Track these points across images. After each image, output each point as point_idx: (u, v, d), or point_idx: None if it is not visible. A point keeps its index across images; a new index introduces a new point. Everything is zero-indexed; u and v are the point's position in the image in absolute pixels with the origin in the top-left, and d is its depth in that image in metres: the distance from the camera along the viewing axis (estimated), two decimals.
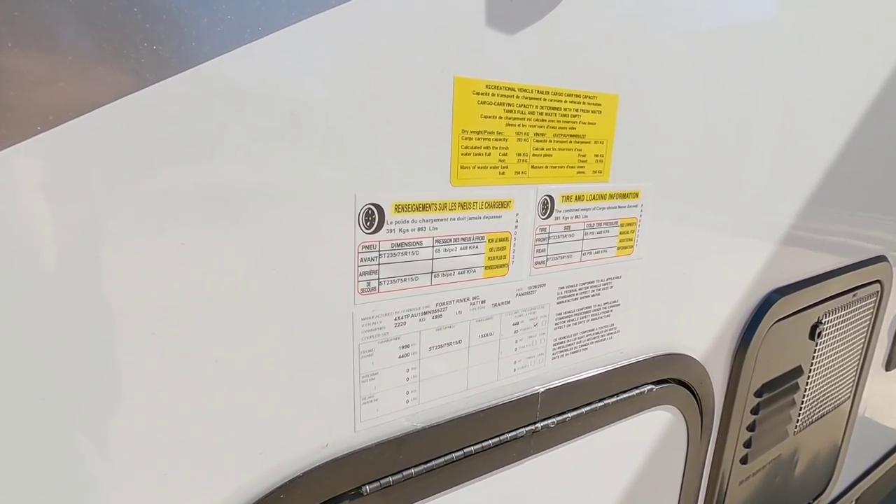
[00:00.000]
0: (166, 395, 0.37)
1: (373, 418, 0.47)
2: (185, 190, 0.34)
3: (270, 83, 0.36)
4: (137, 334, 0.35)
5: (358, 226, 0.42)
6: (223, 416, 0.39)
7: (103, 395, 0.34)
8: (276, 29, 0.35)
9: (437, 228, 0.46)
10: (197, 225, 0.35)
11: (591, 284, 0.59)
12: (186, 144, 0.34)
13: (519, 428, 0.56)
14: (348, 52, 0.38)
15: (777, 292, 0.84)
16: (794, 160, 0.80)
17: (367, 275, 0.43)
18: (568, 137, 0.52)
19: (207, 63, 0.33)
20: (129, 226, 0.33)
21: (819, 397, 1.06)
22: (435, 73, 0.42)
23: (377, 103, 0.40)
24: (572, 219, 0.55)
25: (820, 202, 0.87)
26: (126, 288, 0.34)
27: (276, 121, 0.36)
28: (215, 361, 0.38)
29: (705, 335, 0.76)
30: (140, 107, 0.32)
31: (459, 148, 0.45)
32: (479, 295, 0.50)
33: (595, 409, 0.63)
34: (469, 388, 0.52)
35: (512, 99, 0.47)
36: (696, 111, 0.63)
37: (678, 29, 0.57)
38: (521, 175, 0.50)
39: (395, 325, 0.46)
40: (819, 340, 0.98)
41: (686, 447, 0.77)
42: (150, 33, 0.31)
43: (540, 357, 0.57)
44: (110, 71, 0.31)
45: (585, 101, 0.52)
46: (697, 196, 0.67)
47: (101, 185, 0.32)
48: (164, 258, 0.34)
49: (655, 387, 0.69)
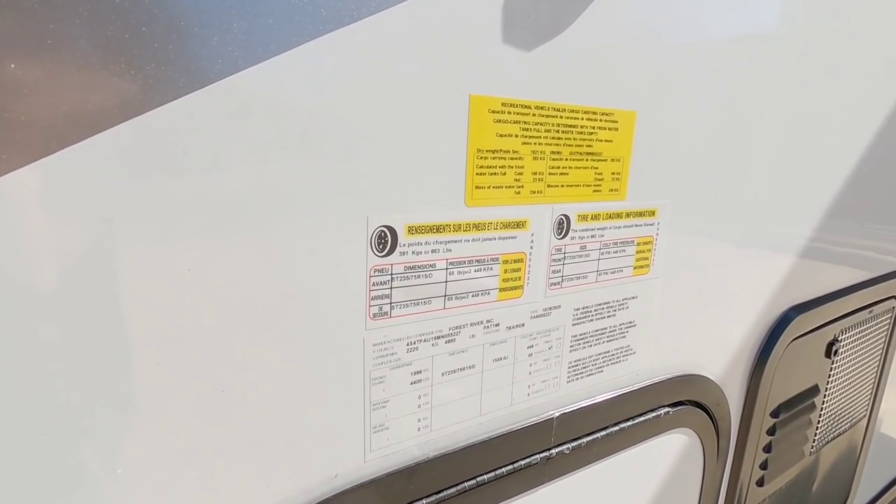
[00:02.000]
0: (169, 427, 0.35)
1: (383, 447, 0.45)
2: (191, 214, 0.33)
3: (281, 103, 0.34)
4: (141, 365, 0.33)
5: (370, 248, 0.40)
6: (228, 447, 0.38)
7: (104, 428, 0.33)
8: (288, 48, 0.34)
9: (450, 250, 0.44)
10: (203, 250, 0.34)
11: (607, 305, 0.57)
12: (193, 167, 0.32)
13: (533, 454, 0.54)
14: (361, 72, 0.37)
15: (794, 310, 0.82)
16: (811, 174, 0.78)
17: (378, 299, 0.42)
18: (584, 155, 0.50)
19: (217, 83, 0.32)
20: (133, 251, 0.31)
21: (835, 416, 1.04)
22: (450, 92, 0.41)
23: (390, 123, 0.39)
24: (588, 238, 0.53)
25: (836, 215, 0.85)
26: (128, 316, 0.32)
27: (286, 142, 0.35)
28: (221, 392, 0.36)
29: (722, 355, 0.74)
30: (146, 129, 0.30)
31: (474, 168, 0.44)
32: (493, 318, 0.49)
33: (610, 433, 0.61)
34: (482, 413, 0.51)
35: (528, 117, 0.46)
36: (714, 125, 0.61)
37: (695, 43, 0.56)
38: (536, 194, 0.48)
39: (407, 351, 0.44)
40: (835, 358, 0.96)
41: (702, 471, 0.74)
42: (158, 52, 0.30)
43: (555, 381, 0.55)
44: (117, 91, 0.29)
45: (602, 118, 0.50)
46: (714, 212, 0.66)
47: (104, 209, 0.30)
48: (168, 284, 0.33)
49: (672, 409, 0.67)
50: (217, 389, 0.36)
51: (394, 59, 0.38)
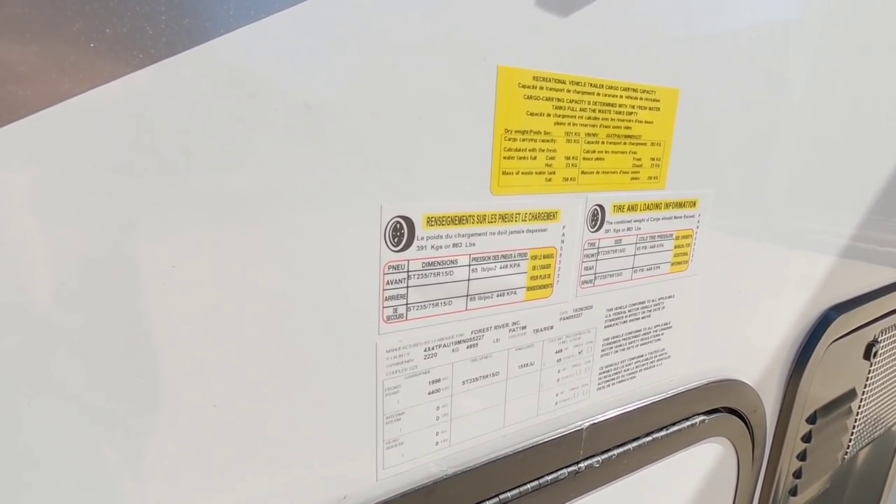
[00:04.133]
0: (154, 447, 0.30)
1: (397, 465, 0.40)
2: (174, 203, 0.28)
3: (279, 70, 0.29)
4: (118, 376, 0.28)
5: (384, 242, 0.35)
6: (223, 468, 0.33)
7: (77, 453, 0.28)
8: (290, 4, 0.28)
9: (474, 244, 0.39)
10: (189, 244, 0.29)
11: (642, 305, 0.52)
12: (180, 147, 0.27)
13: (560, 469, 0.49)
14: (374, 35, 0.31)
15: (835, 310, 0.76)
16: (856, 167, 0.72)
17: (393, 299, 0.37)
18: (622, 138, 0.45)
19: (205, 45, 0.27)
20: (107, 245, 0.27)
21: (871, 420, 0.98)
22: (476, 62, 0.35)
23: (408, 97, 0.33)
24: (624, 231, 0.48)
25: (880, 211, 0.79)
26: (102, 319, 0.27)
27: (286, 116, 0.30)
28: (214, 406, 0.32)
29: (760, 358, 0.69)
30: (124, 96, 0.25)
31: (501, 150, 0.38)
32: (519, 320, 0.44)
33: (642, 444, 0.55)
34: (506, 425, 0.46)
35: (562, 93, 0.40)
36: (763, 108, 0.55)
37: (745, 14, 0.50)
38: (569, 182, 0.43)
39: (424, 358, 0.39)
40: (874, 360, 0.90)
41: (736, 482, 0.69)
42: (128, 4, 0.25)
43: (584, 388, 0.50)
44: (85, 53, 0.24)
45: (643, 95, 0.45)
46: (757, 204, 0.60)
47: (75, 197, 0.25)
48: (150, 283, 0.28)
49: (707, 417, 0.61)
50: (209, 404, 0.31)
51: (412, 23, 0.32)
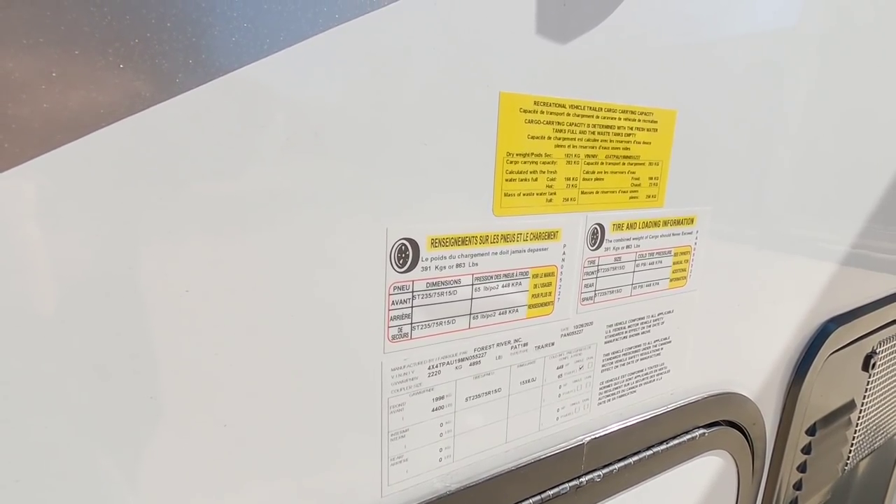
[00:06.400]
0: (167, 465, 0.31)
1: (402, 480, 0.41)
2: (188, 226, 0.29)
3: (291, 101, 0.30)
4: (129, 398, 0.29)
5: (390, 264, 0.36)
6: (234, 482, 0.34)
7: (87, 471, 0.29)
8: (300, 39, 0.30)
9: (477, 264, 0.40)
10: (201, 267, 0.30)
11: (642, 321, 0.53)
12: (191, 175, 0.28)
13: (562, 483, 0.50)
14: (381, 65, 0.33)
15: (833, 321, 0.77)
16: (851, 180, 0.73)
17: (398, 319, 0.37)
18: (621, 159, 0.46)
19: (221, 78, 0.28)
20: (120, 265, 0.28)
21: (871, 431, 0.98)
22: (479, 89, 0.37)
23: (414, 123, 0.35)
24: (623, 249, 0.49)
25: (878, 223, 0.80)
26: (113, 340, 0.28)
27: (298, 144, 0.31)
28: (224, 426, 0.32)
29: (759, 371, 0.69)
30: (144, 128, 0.26)
31: (504, 173, 0.39)
32: (521, 337, 0.44)
33: (643, 458, 0.56)
34: (508, 441, 0.46)
35: (562, 117, 0.41)
36: (758, 127, 0.56)
37: (740, 35, 0.51)
38: (569, 202, 0.44)
39: (428, 375, 0.40)
40: (873, 372, 0.91)
41: (737, 495, 0.70)
42: (151, 43, 0.26)
43: (585, 403, 0.51)
44: (117, 86, 0.25)
45: (641, 117, 0.46)
46: (754, 219, 0.61)
47: (90, 216, 0.26)
48: (162, 304, 0.29)
49: (707, 430, 0.62)
50: (219, 423, 0.32)
51: (417, 52, 0.34)
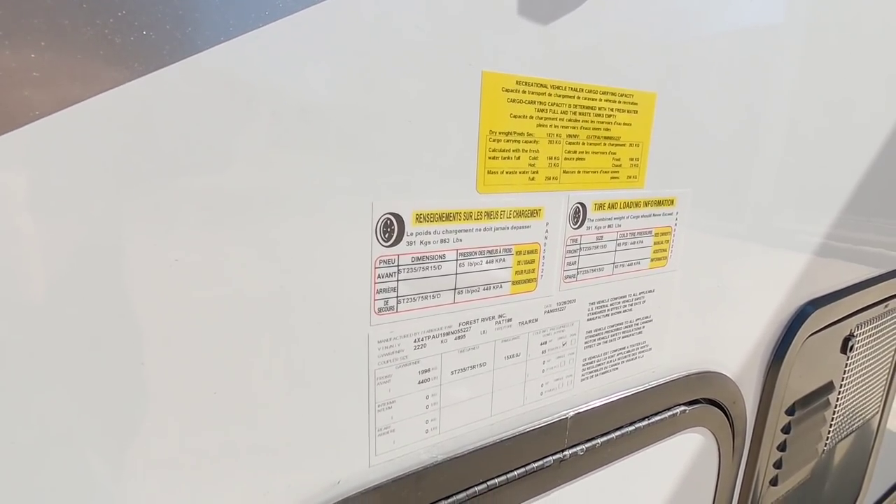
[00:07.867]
0: (155, 433, 0.32)
1: (389, 451, 0.42)
2: (176, 200, 0.30)
3: (276, 78, 0.31)
4: (121, 364, 0.30)
5: (375, 238, 0.37)
6: (222, 453, 0.35)
7: (83, 436, 0.30)
8: (284, 15, 0.30)
9: (461, 240, 0.41)
10: (190, 238, 0.30)
11: (623, 299, 0.54)
12: (179, 149, 0.29)
13: (546, 457, 0.52)
14: (365, 42, 0.33)
15: (811, 304, 0.79)
16: (831, 166, 0.75)
17: (384, 292, 0.39)
18: (602, 140, 0.47)
19: (204, 53, 0.28)
20: (113, 239, 0.28)
21: (849, 413, 1.01)
22: (461, 67, 0.38)
23: (397, 101, 0.36)
24: (605, 228, 0.50)
25: (855, 209, 0.82)
26: (106, 309, 0.29)
27: (283, 121, 0.32)
28: (213, 393, 0.33)
29: (738, 351, 0.71)
30: (128, 102, 0.27)
31: (487, 151, 0.41)
32: (505, 313, 0.46)
33: (625, 433, 0.58)
34: (493, 414, 0.48)
35: (543, 97, 0.42)
36: (738, 112, 0.58)
37: (721, 19, 0.53)
38: (551, 181, 0.45)
39: (414, 348, 0.41)
40: (851, 354, 0.93)
41: (717, 471, 0.72)
42: (136, 16, 0.27)
43: (568, 379, 0.52)
44: (93, 60, 0.26)
45: (621, 99, 0.47)
46: (734, 202, 0.63)
47: (79, 195, 0.27)
48: (153, 276, 0.30)
49: (688, 408, 0.64)
50: (209, 391, 0.33)
51: (401, 30, 0.35)
